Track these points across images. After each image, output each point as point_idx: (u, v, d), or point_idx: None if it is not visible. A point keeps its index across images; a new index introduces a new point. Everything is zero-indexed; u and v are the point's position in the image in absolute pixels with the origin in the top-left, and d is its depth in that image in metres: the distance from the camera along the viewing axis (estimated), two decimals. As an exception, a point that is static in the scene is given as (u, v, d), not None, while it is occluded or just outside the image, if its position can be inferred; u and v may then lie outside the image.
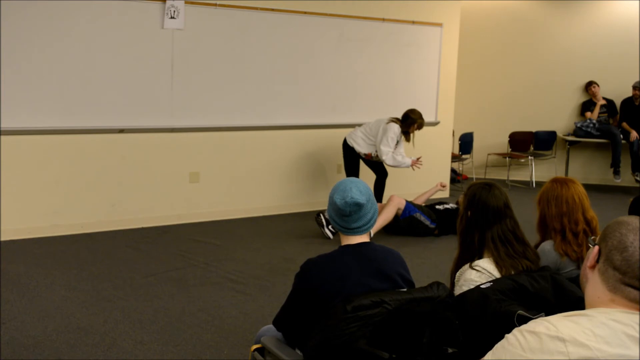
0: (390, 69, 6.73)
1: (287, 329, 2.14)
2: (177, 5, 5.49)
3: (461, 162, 8.38)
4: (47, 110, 5.12)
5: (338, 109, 6.31)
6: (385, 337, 1.85)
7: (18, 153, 5.06)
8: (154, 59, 5.49)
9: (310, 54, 6.27)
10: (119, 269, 4.44)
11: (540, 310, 1.88)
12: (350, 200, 2.02)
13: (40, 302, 3.80)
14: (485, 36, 8.65)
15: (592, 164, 8.52)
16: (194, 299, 3.93)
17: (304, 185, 6.51)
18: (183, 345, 3.27)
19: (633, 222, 1.26)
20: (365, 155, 5.86)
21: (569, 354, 1.14)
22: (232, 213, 6.10)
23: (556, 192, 2.56)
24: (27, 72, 5.00)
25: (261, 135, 6.16)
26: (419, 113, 5.69)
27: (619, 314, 1.21)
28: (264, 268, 4.60)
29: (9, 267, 4.41)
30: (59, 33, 5.08)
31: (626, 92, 8.00)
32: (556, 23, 8.47)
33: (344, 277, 1.97)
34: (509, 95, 8.65)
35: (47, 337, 3.30)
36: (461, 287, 2.20)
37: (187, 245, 5.10)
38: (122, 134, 5.47)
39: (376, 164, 5.99)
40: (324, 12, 6.26)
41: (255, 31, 5.93)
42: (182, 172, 5.82)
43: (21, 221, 5.12)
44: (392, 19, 6.69)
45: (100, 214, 5.46)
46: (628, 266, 1.22)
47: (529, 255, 2.25)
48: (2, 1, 4.82)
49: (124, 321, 3.54)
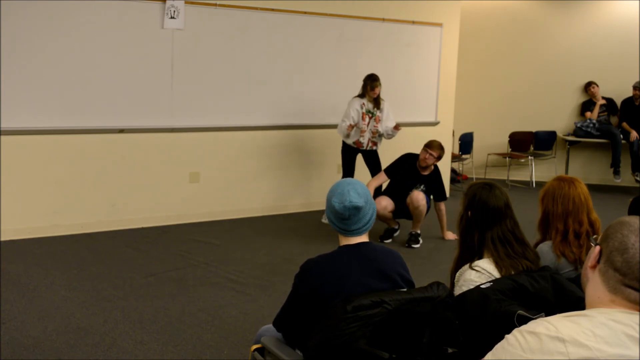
0: (390, 69, 6.73)
1: (287, 329, 2.14)
2: (177, 5, 5.49)
3: (461, 162, 8.38)
4: (47, 110, 5.12)
5: (338, 109, 6.30)
6: (385, 337, 1.86)
7: (18, 153, 5.06)
8: (154, 59, 5.49)
9: (310, 54, 6.27)
10: (119, 269, 4.44)
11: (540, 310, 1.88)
12: (349, 204, 2.01)
13: (40, 302, 3.80)
14: (485, 36, 8.65)
15: (592, 164, 8.52)
16: (194, 299, 3.93)
17: (303, 185, 6.51)
18: (183, 345, 3.27)
19: (635, 223, 1.25)
20: (355, 144, 5.77)
21: (569, 354, 1.14)
22: (232, 213, 6.10)
23: (563, 190, 2.54)
24: (27, 72, 5.00)
25: (261, 135, 6.16)
26: (367, 75, 5.68)
27: (619, 314, 1.21)
28: (264, 268, 4.60)
29: (9, 267, 4.41)
30: (59, 33, 5.08)
31: (626, 92, 8.00)
32: (556, 23, 8.47)
33: (344, 277, 1.98)
34: (509, 95, 8.65)
35: (47, 337, 3.31)
36: (461, 288, 2.20)
37: (187, 245, 5.10)
38: (122, 134, 5.47)
39: (373, 164, 5.94)
40: (324, 12, 6.26)
41: (255, 31, 5.93)
42: (182, 172, 5.82)
43: (21, 221, 5.12)
44: (392, 19, 6.69)
45: (100, 214, 5.46)
46: (629, 268, 1.22)
47: (529, 255, 2.25)
48: (2, 1, 4.82)
49: (124, 321, 3.54)
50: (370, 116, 5.66)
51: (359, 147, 5.80)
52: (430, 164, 5.30)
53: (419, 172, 5.36)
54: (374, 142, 5.80)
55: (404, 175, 5.39)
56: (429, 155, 5.24)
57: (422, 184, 5.38)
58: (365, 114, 5.65)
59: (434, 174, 5.43)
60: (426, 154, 5.25)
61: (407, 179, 5.38)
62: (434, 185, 5.42)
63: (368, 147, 5.80)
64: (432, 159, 5.26)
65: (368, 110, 5.65)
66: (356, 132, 5.70)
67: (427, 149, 5.26)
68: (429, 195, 5.40)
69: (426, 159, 5.25)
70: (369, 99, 5.66)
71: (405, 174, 5.39)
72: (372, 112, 5.66)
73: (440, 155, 5.29)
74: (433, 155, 5.24)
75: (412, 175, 5.37)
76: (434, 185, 5.43)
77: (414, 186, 5.35)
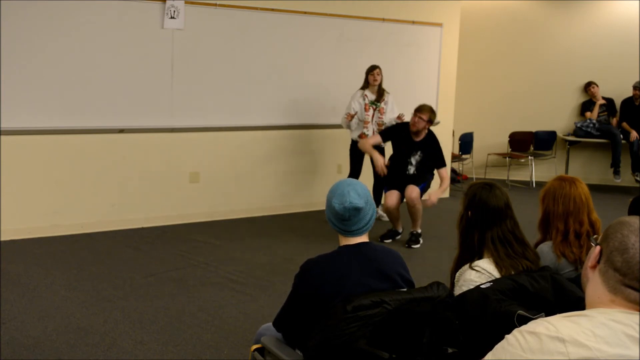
0: (390, 69, 6.71)
1: (287, 329, 2.14)
2: (177, 5, 5.49)
3: (461, 162, 8.38)
4: (47, 110, 5.12)
5: (338, 109, 6.29)
6: (385, 337, 1.85)
7: (18, 153, 5.06)
8: (154, 59, 5.49)
9: (310, 54, 6.27)
10: (119, 269, 4.44)
11: (540, 310, 1.88)
12: (349, 205, 2.01)
13: (40, 302, 3.80)
14: (485, 36, 8.65)
15: (592, 164, 8.52)
16: (194, 299, 3.93)
17: (304, 185, 6.51)
18: (183, 345, 3.27)
19: (635, 223, 1.25)
20: (360, 137, 5.71)
21: (569, 355, 1.14)
22: (232, 213, 6.10)
23: (564, 190, 2.53)
24: (27, 72, 5.00)
25: (261, 135, 6.16)
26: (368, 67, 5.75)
27: (619, 314, 1.21)
28: (264, 268, 4.60)
29: (9, 267, 4.41)
30: (59, 33, 5.08)
31: (626, 92, 8.00)
32: (556, 23, 8.47)
33: (344, 277, 1.97)
34: (509, 95, 8.65)
35: (47, 337, 3.30)
36: (461, 288, 2.20)
37: (187, 245, 5.10)
38: (122, 134, 5.47)
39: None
40: (324, 12, 6.26)
41: (255, 31, 5.93)
42: (182, 172, 5.82)
43: (21, 221, 5.12)
44: (392, 19, 6.69)
45: (100, 214, 5.46)
46: (628, 268, 1.22)
47: (529, 255, 2.25)
48: (2, 1, 4.82)
49: (124, 321, 3.54)
50: (375, 108, 5.64)
51: (363, 138, 5.69)
52: (421, 128, 5.21)
53: (412, 139, 5.30)
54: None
55: (399, 141, 5.36)
56: (418, 118, 5.18)
57: (418, 150, 5.29)
58: (369, 106, 5.64)
59: (429, 140, 5.32)
60: (415, 118, 5.19)
61: (402, 145, 5.34)
62: (430, 152, 5.30)
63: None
64: (422, 123, 5.18)
65: (371, 101, 5.64)
66: (359, 125, 5.69)
67: (417, 113, 5.20)
68: (428, 166, 5.32)
69: (416, 123, 5.19)
70: (371, 89, 5.65)
71: (401, 141, 5.35)
72: (375, 104, 5.65)
73: (431, 119, 5.22)
74: (422, 119, 5.17)
75: (406, 142, 5.32)
76: (430, 151, 5.30)
77: (410, 154, 5.29)
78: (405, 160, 5.32)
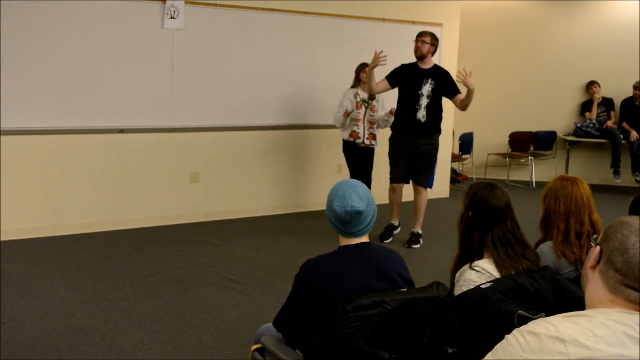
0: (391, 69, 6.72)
1: (287, 329, 2.14)
2: (177, 5, 5.49)
3: (461, 162, 8.38)
4: (47, 110, 5.11)
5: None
6: (385, 337, 1.86)
7: (18, 153, 5.06)
8: (154, 59, 5.49)
9: (310, 54, 6.27)
10: (119, 269, 4.44)
11: (540, 310, 1.88)
12: (351, 209, 2.01)
13: (40, 302, 3.80)
14: (485, 36, 8.65)
15: (592, 164, 8.52)
16: (194, 299, 3.93)
17: (304, 185, 6.51)
18: (183, 345, 3.27)
19: (635, 223, 1.25)
20: (351, 136, 5.64)
21: (569, 355, 1.14)
22: (232, 213, 6.10)
23: (566, 189, 2.54)
24: (27, 72, 5.00)
25: (261, 135, 6.16)
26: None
27: (619, 315, 1.21)
28: (264, 268, 4.60)
29: (9, 267, 4.41)
30: (59, 33, 5.08)
31: (626, 92, 8.00)
32: (556, 23, 8.47)
33: (344, 277, 1.98)
34: (509, 95, 8.65)
35: (47, 337, 3.31)
36: (461, 288, 2.20)
37: (187, 245, 5.11)
38: (122, 134, 5.47)
39: (367, 162, 5.80)
40: (324, 12, 6.26)
41: (255, 31, 5.93)
42: (182, 172, 5.82)
43: (21, 221, 5.12)
44: (392, 19, 6.69)
45: (100, 214, 5.46)
46: (629, 268, 1.22)
47: (529, 255, 2.25)
48: (2, 1, 4.82)
49: (124, 321, 3.54)
50: (366, 106, 5.63)
51: (355, 138, 5.62)
52: (425, 52, 5.10)
53: (420, 68, 5.17)
54: (372, 135, 5.64)
55: (407, 78, 5.19)
56: (420, 42, 5.09)
57: (429, 78, 5.10)
58: (361, 104, 5.62)
59: (439, 69, 5.19)
60: (418, 43, 5.10)
61: (411, 80, 5.16)
62: (443, 80, 5.13)
63: (366, 140, 5.62)
64: (426, 45, 5.09)
65: (363, 99, 5.62)
66: (350, 122, 5.66)
67: (418, 37, 5.11)
68: (439, 106, 5.18)
69: (420, 48, 5.09)
70: (362, 87, 5.66)
71: (408, 77, 5.19)
72: (367, 102, 5.62)
73: (434, 43, 5.13)
74: (425, 41, 5.09)
75: (415, 73, 5.15)
76: (443, 79, 5.13)
77: (421, 84, 5.10)
78: (414, 98, 5.11)
